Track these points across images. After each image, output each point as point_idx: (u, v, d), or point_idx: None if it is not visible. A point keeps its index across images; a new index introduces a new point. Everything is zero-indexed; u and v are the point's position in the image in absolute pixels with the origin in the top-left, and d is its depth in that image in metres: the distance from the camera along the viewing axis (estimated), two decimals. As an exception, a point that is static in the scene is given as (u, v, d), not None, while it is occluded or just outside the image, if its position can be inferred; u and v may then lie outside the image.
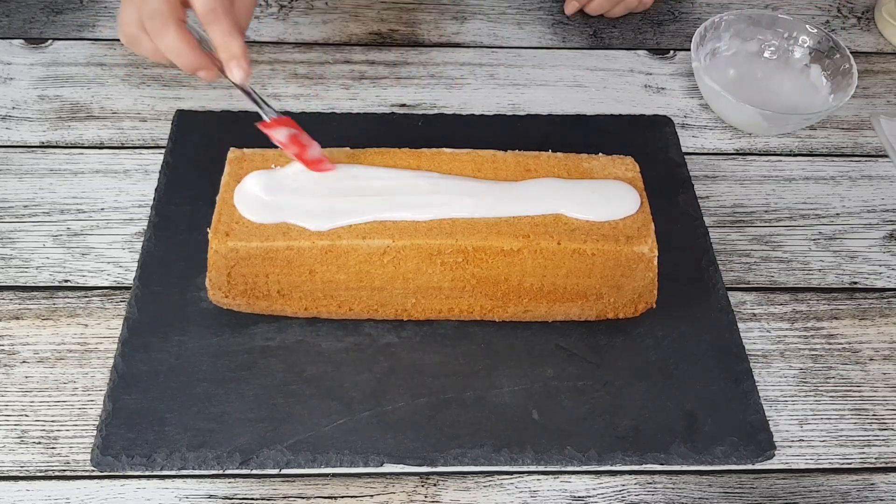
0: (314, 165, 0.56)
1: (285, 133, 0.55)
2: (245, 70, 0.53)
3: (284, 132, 0.55)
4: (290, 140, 0.55)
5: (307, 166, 0.55)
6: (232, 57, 0.53)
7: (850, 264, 0.66)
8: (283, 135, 0.55)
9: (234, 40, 0.53)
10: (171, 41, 0.53)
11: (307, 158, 0.55)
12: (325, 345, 0.57)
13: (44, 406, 0.54)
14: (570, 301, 0.57)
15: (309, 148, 0.55)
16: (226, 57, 0.53)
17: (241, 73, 0.53)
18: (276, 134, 0.55)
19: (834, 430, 0.57)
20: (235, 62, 0.53)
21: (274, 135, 0.55)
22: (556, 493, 0.53)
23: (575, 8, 0.82)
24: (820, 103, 0.74)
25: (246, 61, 0.53)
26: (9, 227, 0.63)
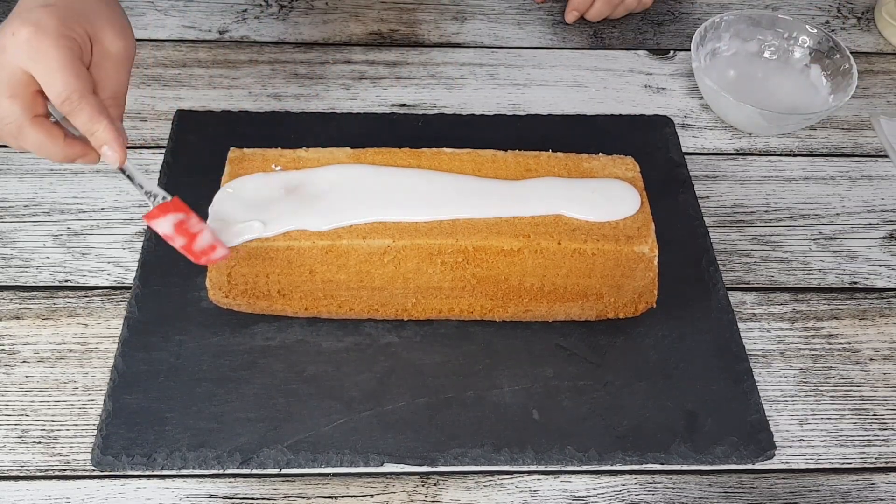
0: (201, 256, 0.52)
1: (170, 223, 0.51)
2: (119, 154, 0.50)
3: (169, 223, 0.51)
4: (176, 230, 0.51)
5: (193, 258, 0.52)
6: (102, 143, 0.49)
7: (850, 264, 0.66)
8: (168, 226, 0.51)
9: (100, 126, 0.49)
10: (32, 142, 0.50)
11: (194, 250, 0.51)
12: (325, 344, 0.57)
13: (44, 406, 0.54)
14: (570, 301, 0.57)
15: (198, 235, 0.51)
16: (96, 144, 0.50)
17: (116, 156, 0.50)
18: (158, 226, 0.51)
19: (834, 430, 0.57)
20: (107, 148, 0.49)
21: (157, 227, 0.51)
22: (556, 493, 0.53)
23: (575, 17, 0.82)
24: (820, 103, 0.74)
25: (118, 145, 0.50)
26: (9, 227, 0.63)
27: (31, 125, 0.49)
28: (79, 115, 0.49)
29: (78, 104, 0.48)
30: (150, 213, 0.51)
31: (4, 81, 0.48)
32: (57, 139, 0.50)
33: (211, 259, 0.52)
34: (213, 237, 0.52)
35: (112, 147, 0.50)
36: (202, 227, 0.52)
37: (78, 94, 0.48)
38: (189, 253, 0.51)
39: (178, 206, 0.51)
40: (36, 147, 0.50)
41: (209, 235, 0.51)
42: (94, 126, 0.49)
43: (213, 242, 0.51)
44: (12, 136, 0.50)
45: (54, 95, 0.48)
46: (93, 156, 0.51)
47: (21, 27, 0.48)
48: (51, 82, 0.48)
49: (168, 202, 0.51)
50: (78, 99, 0.48)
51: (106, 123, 0.49)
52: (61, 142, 0.50)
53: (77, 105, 0.48)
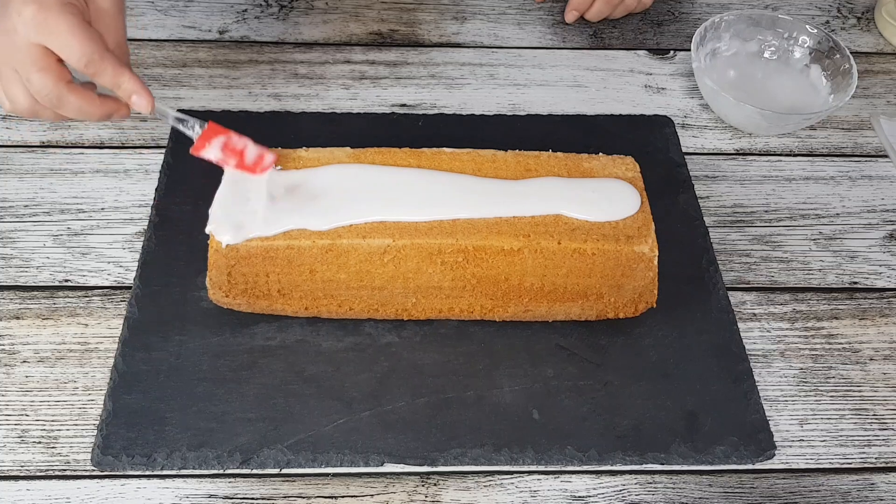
0: (256, 168, 0.55)
1: (217, 148, 0.54)
2: (147, 99, 0.54)
3: (216, 148, 0.54)
4: (224, 152, 0.54)
5: (250, 172, 0.55)
6: (130, 93, 0.53)
7: (850, 264, 0.66)
8: (216, 151, 0.54)
9: (124, 78, 0.53)
10: (72, 107, 0.53)
11: (247, 165, 0.55)
12: (325, 344, 0.57)
13: (44, 406, 0.54)
14: (570, 301, 0.57)
15: (245, 151, 0.55)
16: (125, 96, 0.54)
17: (145, 102, 0.54)
18: (208, 154, 0.55)
19: (834, 430, 0.57)
20: (136, 96, 0.53)
21: (207, 156, 0.55)
22: (556, 493, 0.53)
23: (575, 16, 0.82)
24: (820, 103, 0.74)
25: (145, 91, 0.54)
26: (9, 227, 0.63)
27: (69, 91, 0.52)
28: (103, 73, 0.52)
29: (100, 64, 0.51)
30: (195, 147, 0.54)
31: (27, 59, 0.51)
32: (94, 99, 0.53)
33: (265, 167, 0.54)
34: (257, 147, 0.55)
35: (140, 94, 0.53)
36: (245, 141, 0.55)
37: (98, 55, 0.51)
38: (244, 169, 0.54)
39: (215, 130, 0.55)
40: (76, 111, 0.53)
41: (253, 147, 0.55)
42: (118, 80, 0.52)
43: (260, 151, 0.54)
44: (53, 106, 0.53)
45: (75, 60, 0.51)
46: (124, 109, 0.55)
47: (23, 6, 0.50)
48: (69, 50, 0.51)
49: (206, 129, 0.55)
50: (99, 59, 0.51)
51: (129, 74, 0.53)
52: (97, 101, 0.54)
53: (99, 65, 0.51)
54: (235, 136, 0.55)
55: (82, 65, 0.51)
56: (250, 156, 0.54)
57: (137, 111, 0.54)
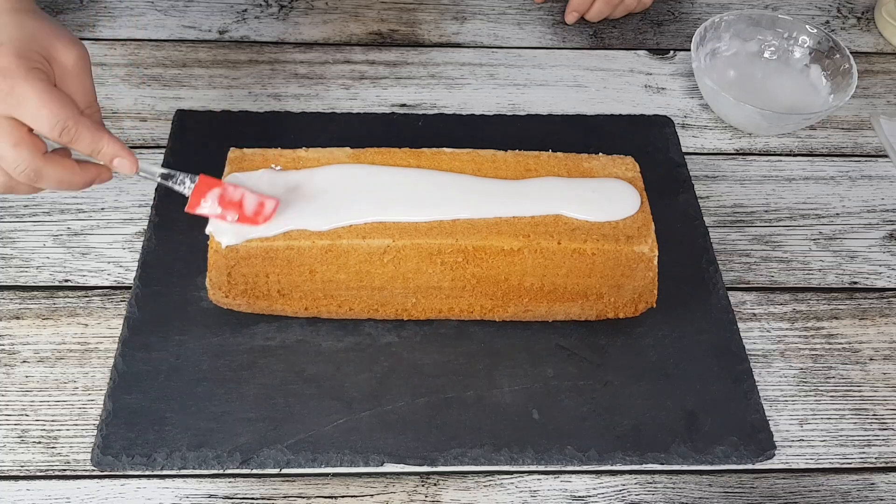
0: (258, 218, 0.52)
1: (214, 202, 0.52)
2: (131, 161, 0.50)
3: (212, 203, 0.52)
4: (222, 206, 0.52)
5: (252, 224, 0.52)
6: (111, 157, 0.50)
7: (850, 264, 0.66)
8: (213, 206, 0.52)
9: (103, 142, 0.49)
10: (51, 179, 0.49)
11: (248, 217, 0.52)
12: (325, 344, 0.57)
13: (44, 406, 0.54)
14: (570, 301, 0.57)
15: (244, 202, 0.52)
16: (106, 160, 0.50)
17: (128, 164, 0.50)
18: (205, 211, 0.52)
19: (834, 430, 0.57)
20: (118, 160, 0.50)
21: (205, 213, 0.52)
22: (556, 493, 0.53)
23: (575, 17, 0.82)
24: (820, 103, 0.74)
25: (126, 153, 0.50)
26: (9, 227, 0.63)
27: (46, 164, 0.48)
28: (80, 140, 0.48)
29: (75, 130, 0.48)
30: (189, 204, 0.52)
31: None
32: (74, 168, 0.50)
33: (267, 216, 0.52)
34: (256, 196, 0.52)
35: (122, 157, 0.50)
36: (240, 191, 0.52)
37: (72, 121, 0.47)
38: (246, 222, 0.52)
39: (208, 183, 0.52)
40: (56, 182, 0.49)
41: (251, 196, 0.52)
42: (97, 144, 0.49)
43: (260, 200, 0.52)
44: (31, 181, 0.49)
45: (48, 129, 0.47)
46: (105, 173, 0.51)
47: None
48: (40, 119, 0.47)
49: (198, 184, 0.52)
50: (73, 125, 0.48)
51: (107, 137, 0.49)
52: (77, 169, 0.50)
53: (75, 131, 0.48)
54: (231, 187, 0.52)
55: (56, 134, 0.47)
56: (249, 206, 0.52)
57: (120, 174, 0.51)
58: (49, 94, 0.47)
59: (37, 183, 0.49)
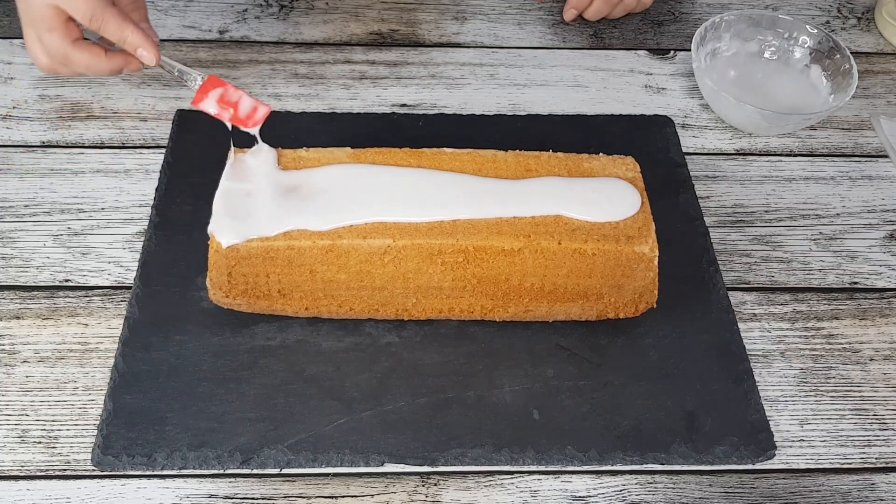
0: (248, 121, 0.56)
1: (214, 100, 0.56)
2: (152, 52, 0.56)
3: (213, 101, 0.56)
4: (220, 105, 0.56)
5: (242, 126, 0.56)
6: (135, 47, 0.56)
7: (851, 264, 0.66)
8: (213, 104, 0.56)
9: (128, 32, 0.55)
10: (79, 62, 0.57)
11: (240, 118, 0.56)
12: (325, 344, 0.57)
13: (44, 406, 0.54)
14: (570, 301, 0.57)
15: (239, 103, 0.56)
16: (131, 49, 0.56)
17: (149, 55, 0.56)
18: (206, 107, 0.56)
19: (834, 430, 0.57)
20: (141, 49, 0.56)
21: (205, 108, 0.56)
22: (556, 493, 0.53)
23: (573, 15, 0.83)
24: (820, 103, 0.74)
25: (149, 44, 0.56)
26: (9, 227, 0.63)
27: (74, 49, 0.56)
28: (106, 27, 0.55)
29: (102, 19, 0.55)
30: (194, 99, 0.56)
31: (39, 19, 0.55)
32: (100, 55, 0.57)
33: (257, 120, 0.55)
34: (252, 99, 0.56)
35: (144, 47, 0.56)
36: (240, 93, 0.56)
37: (100, 10, 0.55)
38: (237, 122, 0.55)
39: (214, 82, 0.56)
40: (85, 67, 0.57)
41: (248, 99, 0.56)
42: (122, 33, 0.55)
43: (254, 104, 0.56)
44: (62, 63, 0.57)
45: (80, 17, 0.55)
46: (134, 63, 0.58)
47: None
48: (74, 7, 0.55)
49: (206, 82, 0.56)
50: (101, 14, 0.55)
51: (132, 28, 0.55)
52: (104, 57, 0.57)
53: (102, 20, 0.55)
54: (232, 89, 0.56)
55: (87, 21, 0.55)
56: (244, 108, 0.55)
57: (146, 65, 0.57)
58: None
59: (67, 65, 0.57)
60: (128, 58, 0.58)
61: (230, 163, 0.57)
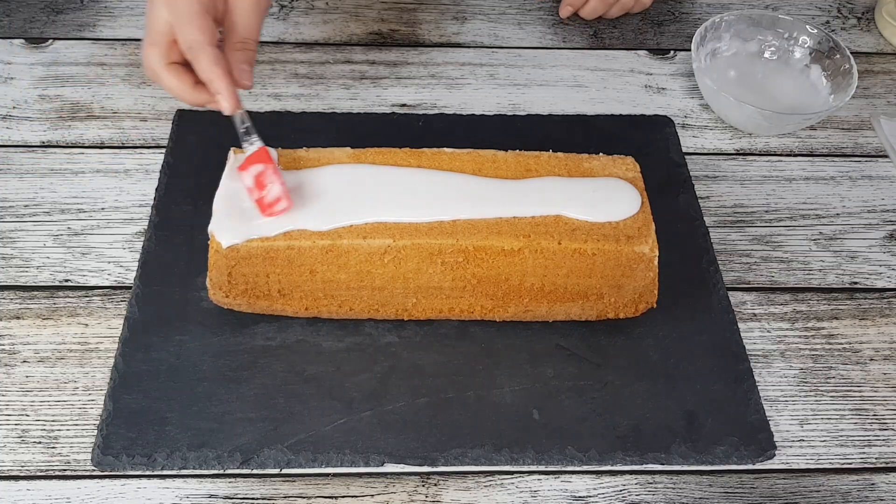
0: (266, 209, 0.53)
1: (252, 175, 0.54)
2: (230, 104, 0.55)
3: (251, 175, 0.54)
4: (255, 183, 0.54)
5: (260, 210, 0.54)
6: (216, 91, 0.54)
7: (851, 264, 0.66)
8: (250, 178, 0.54)
9: (215, 76, 0.54)
10: (166, 85, 0.56)
11: (263, 202, 0.53)
12: (325, 344, 0.57)
13: (44, 406, 0.54)
14: (570, 301, 0.57)
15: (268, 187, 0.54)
16: (213, 91, 0.55)
17: (227, 105, 0.55)
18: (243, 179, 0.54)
19: (834, 430, 0.57)
20: (219, 97, 0.54)
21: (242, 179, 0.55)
22: (556, 493, 0.53)
23: (569, 12, 0.83)
24: (820, 103, 0.74)
25: (230, 95, 0.54)
26: (9, 227, 0.63)
27: (167, 70, 0.55)
28: (198, 63, 0.54)
29: (198, 53, 0.54)
30: (241, 165, 0.55)
31: (150, 29, 0.55)
32: (186, 85, 0.56)
33: (273, 212, 0.54)
34: (282, 191, 0.53)
35: (223, 96, 0.54)
36: (274, 179, 0.54)
37: (198, 45, 0.54)
38: (259, 205, 0.54)
39: (262, 156, 0.55)
40: (170, 89, 0.56)
41: (277, 189, 0.54)
42: (208, 75, 0.54)
43: (280, 195, 0.53)
44: (154, 78, 0.56)
45: (181, 43, 0.54)
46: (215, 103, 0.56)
47: None
48: (180, 32, 0.54)
49: (256, 152, 0.55)
50: (198, 49, 0.54)
51: (220, 74, 0.54)
52: (190, 88, 0.56)
53: (198, 54, 0.54)
54: (271, 171, 0.54)
55: (185, 48, 0.54)
56: (270, 195, 0.53)
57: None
58: (197, 15, 0.54)
59: (158, 83, 0.56)
60: (210, 97, 0.56)
61: (230, 163, 0.57)
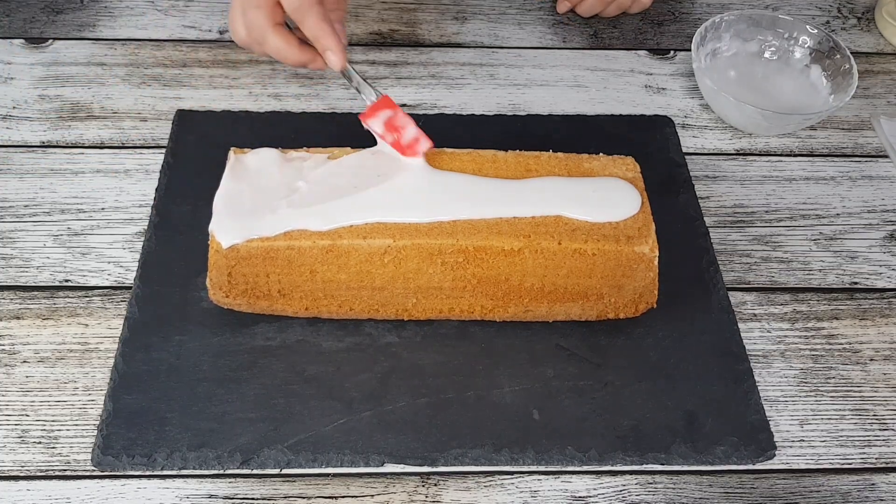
0: (407, 150, 0.56)
1: (382, 121, 0.56)
2: (339, 59, 0.57)
3: (380, 121, 0.56)
4: (386, 127, 0.56)
5: (400, 151, 0.56)
6: (325, 49, 0.57)
7: (851, 264, 0.66)
8: (380, 124, 0.56)
9: (324, 33, 0.56)
10: (272, 46, 0.58)
11: (402, 144, 0.56)
12: (325, 345, 0.57)
13: (44, 406, 0.54)
14: (570, 301, 0.57)
15: (404, 130, 0.56)
16: (320, 48, 0.57)
17: (337, 60, 0.57)
18: (372, 126, 0.57)
19: (834, 431, 0.57)
20: (330, 52, 0.57)
21: (371, 126, 0.57)
22: (556, 493, 0.53)
23: (566, 8, 0.83)
24: (820, 103, 0.74)
25: (339, 50, 0.57)
26: (9, 227, 0.63)
27: (273, 31, 0.57)
28: (306, 22, 0.56)
29: (306, 12, 0.56)
30: (364, 114, 0.57)
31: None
32: (292, 45, 0.58)
33: (417, 151, 0.56)
34: (417, 130, 0.56)
35: (334, 52, 0.57)
36: (407, 121, 0.56)
37: (307, 3, 0.56)
38: (398, 147, 0.56)
39: (387, 103, 0.57)
40: (275, 51, 0.58)
41: (413, 130, 0.56)
42: (318, 32, 0.56)
43: (417, 135, 0.56)
44: (258, 42, 0.58)
45: (287, 4, 0.56)
46: (320, 61, 0.59)
47: None
48: None
49: (379, 101, 0.57)
50: (306, 7, 0.56)
51: (329, 30, 0.56)
52: (296, 47, 0.58)
53: (305, 13, 0.56)
54: (402, 115, 0.57)
55: (292, 9, 0.56)
56: (407, 136, 0.56)
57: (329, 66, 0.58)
58: None
59: (262, 45, 0.58)
60: (316, 55, 0.58)
61: (230, 163, 0.57)
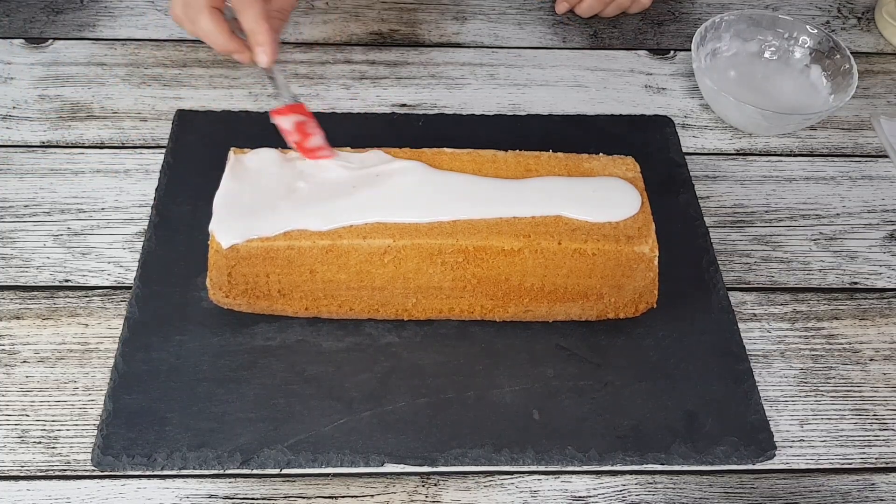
0: (309, 153, 0.57)
1: (292, 121, 0.56)
2: (269, 57, 0.56)
3: (290, 120, 0.56)
4: (295, 128, 0.56)
5: (303, 154, 0.57)
6: (258, 44, 0.56)
7: (851, 264, 0.66)
8: (290, 123, 0.57)
9: (261, 28, 0.55)
10: (203, 27, 0.57)
11: (305, 146, 0.56)
12: (325, 345, 0.57)
13: (44, 406, 0.54)
14: (570, 301, 0.57)
15: (311, 137, 0.57)
16: (252, 43, 0.56)
17: (266, 59, 0.56)
18: (282, 122, 0.57)
19: (834, 431, 0.57)
20: (261, 49, 0.56)
21: (280, 123, 0.57)
22: (556, 493, 0.53)
23: (565, 8, 0.83)
24: (820, 104, 0.74)
25: (271, 48, 0.56)
26: (9, 227, 0.63)
27: (209, 13, 0.56)
28: (247, 13, 0.55)
29: (250, 5, 0.55)
30: (276, 110, 0.57)
31: None
32: (223, 31, 0.57)
33: (317, 156, 0.57)
34: (324, 141, 0.57)
35: (265, 49, 0.56)
36: (318, 131, 0.57)
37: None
38: (300, 149, 0.57)
39: (302, 110, 0.57)
40: (205, 34, 0.57)
41: (320, 139, 0.57)
42: (256, 26, 0.56)
43: (322, 145, 0.57)
44: (190, 20, 0.57)
45: None
46: (246, 55, 0.58)
47: None
48: None
49: (296, 104, 0.57)
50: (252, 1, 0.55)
51: (266, 28, 0.56)
52: (226, 35, 0.57)
53: (247, 5, 0.55)
54: (313, 124, 0.57)
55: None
56: (311, 143, 0.56)
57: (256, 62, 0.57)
58: None
59: (193, 24, 0.58)
60: (243, 47, 0.58)
61: (230, 163, 0.57)
